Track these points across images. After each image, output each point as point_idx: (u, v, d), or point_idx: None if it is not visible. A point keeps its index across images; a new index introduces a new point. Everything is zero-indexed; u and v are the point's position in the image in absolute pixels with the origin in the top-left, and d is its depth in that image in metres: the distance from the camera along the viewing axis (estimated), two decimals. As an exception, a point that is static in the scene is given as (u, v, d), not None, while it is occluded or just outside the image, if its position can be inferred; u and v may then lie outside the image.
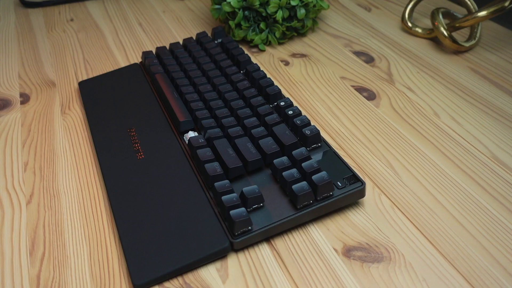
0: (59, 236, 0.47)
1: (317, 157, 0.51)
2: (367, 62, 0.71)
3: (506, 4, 0.66)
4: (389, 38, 0.76)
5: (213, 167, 0.48)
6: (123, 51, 0.78)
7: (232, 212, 0.43)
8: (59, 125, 0.61)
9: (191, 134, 0.55)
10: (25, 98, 0.67)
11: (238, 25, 0.75)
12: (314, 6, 0.75)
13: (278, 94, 0.58)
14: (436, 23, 0.70)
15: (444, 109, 0.60)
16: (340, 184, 0.47)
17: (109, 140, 0.56)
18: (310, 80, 0.68)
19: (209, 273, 0.43)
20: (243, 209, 0.44)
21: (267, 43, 0.76)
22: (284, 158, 0.48)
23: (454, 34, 0.75)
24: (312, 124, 0.53)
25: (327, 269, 0.42)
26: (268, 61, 0.73)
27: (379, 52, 0.73)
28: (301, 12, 0.73)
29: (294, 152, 0.49)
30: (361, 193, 0.47)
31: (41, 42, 0.82)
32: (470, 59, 0.70)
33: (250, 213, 0.45)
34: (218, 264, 0.44)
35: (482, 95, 0.62)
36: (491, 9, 0.67)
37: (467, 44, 0.70)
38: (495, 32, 0.76)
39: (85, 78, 0.71)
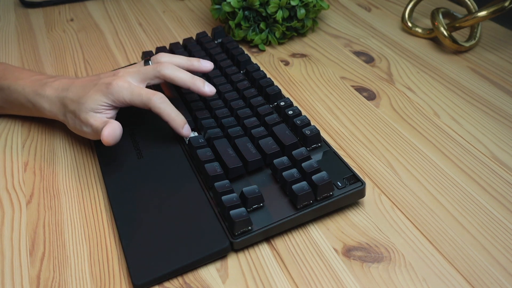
0: (59, 236, 0.47)
1: (317, 157, 0.51)
2: (367, 62, 0.71)
3: (506, 4, 0.66)
4: (389, 38, 0.76)
5: (213, 167, 0.48)
6: (123, 51, 0.78)
7: (232, 212, 0.43)
8: (59, 125, 0.61)
9: (191, 134, 0.55)
10: (25, 98, 0.67)
11: (238, 25, 0.75)
12: (314, 6, 0.74)
13: (278, 94, 0.58)
14: (436, 23, 0.70)
15: (444, 109, 0.60)
16: (340, 184, 0.47)
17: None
18: (310, 80, 0.68)
19: (209, 273, 0.43)
20: (243, 209, 0.44)
21: (267, 43, 0.76)
22: (284, 158, 0.48)
23: (454, 34, 0.75)
24: (312, 124, 0.53)
25: (327, 269, 0.42)
26: (268, 61, 0.73)
27: (379, 52, 0.73)
28: (301, 12, 0.73)
29: (294, 152, 0.49)
30: (361, 193, 0.47)
31: (41, 42, 0.82)
32: (470, 59, 0.70)
33: (250, 213, 0.45)
34: (218, 264, 0.44)
35: (482, 95, 0.62)
36: (491, 9, 0.67)
37: (467, 44, 0.70)
38: (495, 32, 0.76)
39: (85, 78, 0.71)
